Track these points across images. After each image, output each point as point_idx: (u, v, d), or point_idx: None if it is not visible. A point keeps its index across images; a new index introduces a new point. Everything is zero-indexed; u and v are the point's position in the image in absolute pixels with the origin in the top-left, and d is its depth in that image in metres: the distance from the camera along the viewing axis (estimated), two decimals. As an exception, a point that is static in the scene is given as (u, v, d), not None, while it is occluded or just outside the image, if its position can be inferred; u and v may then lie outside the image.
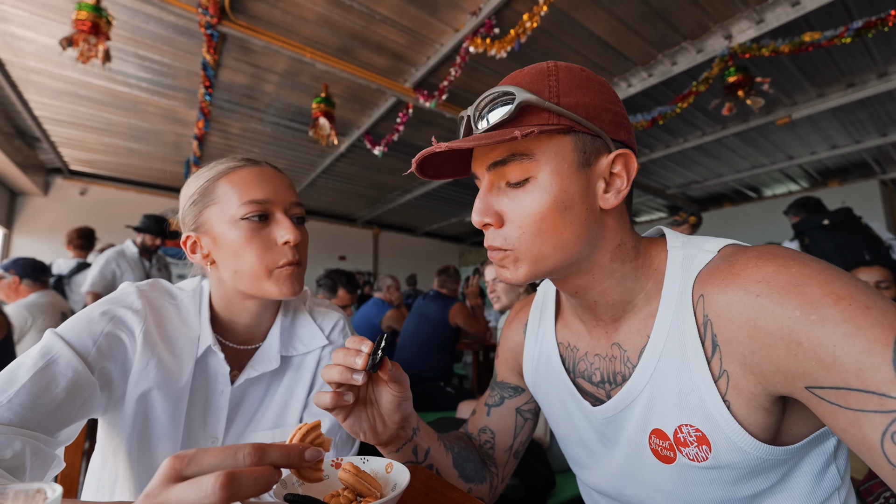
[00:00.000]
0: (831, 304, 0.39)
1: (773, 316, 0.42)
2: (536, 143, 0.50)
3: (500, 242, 0.53)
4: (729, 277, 0.46)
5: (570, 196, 0.51)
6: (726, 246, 0.52)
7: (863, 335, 0.37)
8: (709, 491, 0.50)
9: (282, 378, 0.77)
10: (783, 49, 2.65)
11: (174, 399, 0.67)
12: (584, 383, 0.62)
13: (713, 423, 0.48)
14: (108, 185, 5.91)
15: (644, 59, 3.30)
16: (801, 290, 0.41)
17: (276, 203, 0.69)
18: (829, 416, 0.40)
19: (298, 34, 2.99)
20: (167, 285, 0.75)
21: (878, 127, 4.45)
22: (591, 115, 0.51)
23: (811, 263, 0.43)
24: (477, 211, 0.53)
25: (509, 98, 0.50)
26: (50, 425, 0.56)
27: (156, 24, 2.87)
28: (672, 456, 0.51)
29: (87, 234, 3.39)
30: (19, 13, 2.75)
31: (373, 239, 8.66)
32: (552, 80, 0.52)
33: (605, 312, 0.58)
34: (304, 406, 0.78)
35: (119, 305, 0.66)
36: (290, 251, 0.69)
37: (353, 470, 0.49)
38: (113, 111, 4.03)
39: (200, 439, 0.70)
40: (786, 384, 0.42)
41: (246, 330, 0.74)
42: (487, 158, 0.53)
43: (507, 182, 0.52)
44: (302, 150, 4.99)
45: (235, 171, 0.70)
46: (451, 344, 3.05)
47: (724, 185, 6.35)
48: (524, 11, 2.69)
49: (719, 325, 0.46)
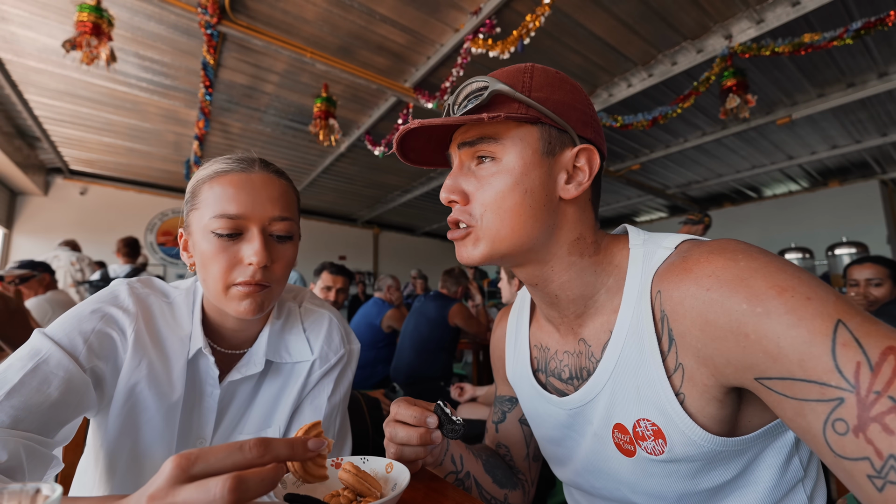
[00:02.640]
0: (775, 297, 0.40)
1: (721, 309, 0.43)
2: (504, 128, 0.54)
3: (464, 218, 0.56)
4: (682, 273, 0.48)
5: (532, 180, 0.54)
6: (683, 242, 0.54)
7: (804, 326, 0.38)
8: (669, 483, 0.52)
9: (270, 382, 0.76)
10: (782, 50, 2.65)
11: (166, 399, 0.67)
12: (555, 381, 0.64)
13: (667, 418, 0.49)
14: (109, 185, 5.91)
15: (644, 59, 3.30)
16: (747, 283, 0.42)
17: (251, 219, 0.64)
18: (778, 406, 0.41)
19: (298, 34, 2.99)
20: (161, 284, 0.74)
21: (879, 127, 4.45)
22: (558, 110, 0.55)
23: (759, 256, 0.44)
24: (445, 188, 0.56)
25: (484, 87, 0.54)
26: (45, 426, 0.55)
27: (156, 23, 2.87)
28: (632, 449, 0.53)
29: (131, 243, 3.71)
30: (19, 13, 2.75)
31: (373, 239, 8.66)
32: (526, 77, 0.56)
33: (568, 308, 0.59)
34: (293, 412, 0.77)
35: (110, 304, 0.65)
36: (254, 271, 0.64)
37: (353, 470, 0.49)
38: (113, 111, 4.03)
39: (188, 440, 0.70)
40: (737, 376, 0.44)
41: (233, 334, 0.73)
42: (460, 139, 0.57)
43: (475, 161, 0.56)
44: (302, 150, 4.99)
45: (221, 176, 0.66)
46: (451, 344, 3.05)
47: (725, 185, 6.35)
48: (525, 11, 2.69)
49: (674, 320, 0.48)
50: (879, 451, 0.33)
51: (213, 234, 0.64)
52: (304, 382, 0.77)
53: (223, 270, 0.64)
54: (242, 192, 0.65)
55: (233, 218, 0.63)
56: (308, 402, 0.78)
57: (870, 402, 0.34)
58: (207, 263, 0.65)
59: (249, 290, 0.64)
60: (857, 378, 0.35)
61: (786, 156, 5.26)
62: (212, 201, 0.65)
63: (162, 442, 0.67)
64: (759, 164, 5.54)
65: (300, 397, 0.77)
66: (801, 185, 6.29)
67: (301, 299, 0.84)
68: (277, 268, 0.68)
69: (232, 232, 0.64)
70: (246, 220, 0.64)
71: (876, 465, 0.33)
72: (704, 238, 0.53)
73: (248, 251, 0.64)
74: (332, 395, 0.78)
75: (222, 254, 0.64)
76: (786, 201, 6.49)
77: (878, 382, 0.34)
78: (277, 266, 0.68)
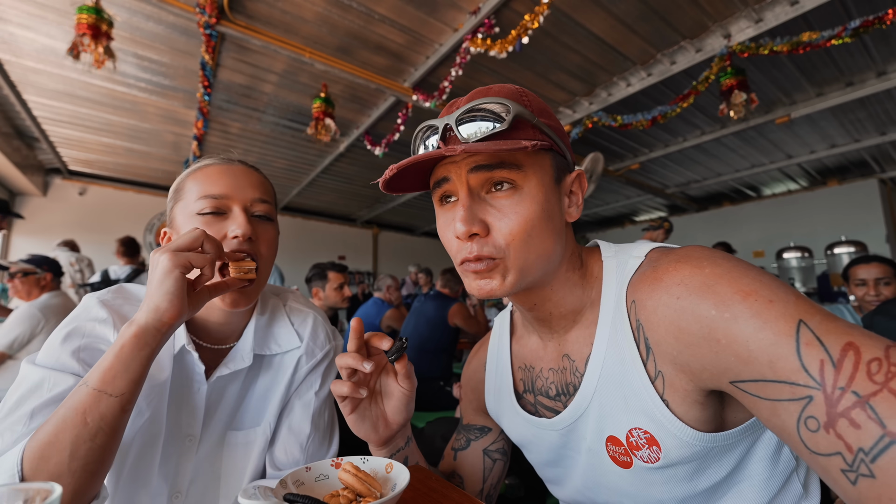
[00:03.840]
0: (740, 301, 0.41)
1: (692, 316, 0.44)
2: (524, 155, 0.51)
3: (489, 251, 0.51)
4: (653, 282, 0.49)
5: (552, 206, 0.53)
6: (651, 250, 0.55)
7: (769, 328, 0.39)
8: (669, 489, 0.52)
9: (259, 376, 0.77)
10: (782, 48, 2.65)
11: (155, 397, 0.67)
12: (543, 399, 0.63)
13: (658, 424, 0.49)
14: (107, 186, 5.90)
15: (643, 59, 3.30)
16: (713, 289, 0.43)
17: (233, 198, 0.67)
18: (754, 407, 0.41)
19: (297, 34, 2.99)
20: (133, 289, 0.73)
21: (877, 126, 4.45)
22: (558, 136, 0.55)
23: (723, 262, 0.45)
24: (464, 221, 0.50)
25: (502, 110, 0.50)
26: None
27: (154, 23, 2.86)
28: (629, 461, 0.53)
29: (127, 242, 3.72)
30: (18, 13, 2.75)
31: (372, 239, 8.66)
32: (526, 101, 0.54)
33: (559, 324, 0.60)
34: (282, 405, 0.78)
35: (85, 320, 0.65)
36: (239, 244, 0.66)
37: (352, 470, 0.49)
38: (112, 111, 4.02)
39: (177, 437, 0.70)
40: (713, 380, 0.44)
41: (219, 328, 0.73)
42: (470, 161, 0.51)
43: (492, 187, 0.52)
44: (301, 150, 4.99)
45: (203, 168, 0.70)
46: (451, 344, 3.05)
47: (724, 185, 6.35)
48: (523, 11, 2.69)
49: (649, 329, 0.49)
50: (849, 445, 0.34)
51: (198, 216, 0.66)
52: (291, 378, 0.78)
53: None
54: (224, 177, 0.68)
55: (216, 198, 0.66)
56: (296, 397, 0.79)
57: (836, 398, 0.35)
58: None
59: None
60: (822, 375, 0.36)
61: (785, 155, 5.26)
62: (195, 188, 0.67)
63: (150, 440, 0.67)
64: (758, 164, 5.54)
65: (288, 393, 0.79)
66: (800, 185, 6.29)
67: (285, 298, 0.85)
68: (262, 245, 0.69)
69: (216, 210, 0.66)
70: (228, 200, 0.67)
71: (847, 459, 0.34)
72: (671, 245, 0.55)
73: (233, 226, 0.66)
74: (320, 390, 0.80)
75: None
76: (785, 200, 6.50)
77: (842, 378, 0.35)
78: (262, 244, 0.69)
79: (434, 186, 0.56)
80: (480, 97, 0.52)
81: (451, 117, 0.51)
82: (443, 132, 0.52)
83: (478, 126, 0.50)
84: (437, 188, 0.55)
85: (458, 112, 0.51)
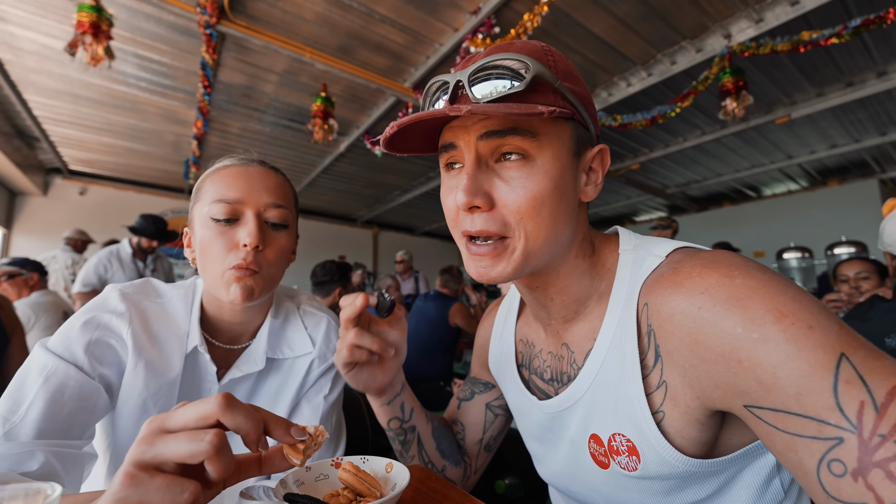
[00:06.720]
0: (774, 322, 0.36)
1: (713, 331, 0.40)
2: (540, 122, 0.46)
3: (495, 228, 0.46)
4: (672, 286, 0.44)
5: (567, 183, 0.48)
6: (675, 250, 0.50)
7: (804, 358, 0.35)
8: (642, 499, 0.50)
9: (270, 379, 0.77)
10: (782, 48, 2.65)
11: (165, 396, 0.67)
12: (536, 379, 0.63)
13: (642, 436, 0.47)
14: (108, 185, 5.90)
15: (643, 59, 3.30)
16: (743, 304, 0.38)
17: (247, 203, 0.67)
18: (767, 437, 0.38)
19: (297, 34, 2.99)
20: (155, 284, 0.74)
21: (878, 126, 4.45)
22: (583, 104, 0.49)
23: (757, 274, 0.40)
24: (466, 190, 0.45)
25: (520, 67, 0.44)
26: (67, 431, 0.57)
27: (155, 23, 2.86)
28: (607, 462, 0.52)
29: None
30: (19, 13, 2.74)
31: (372, 239, 8.65)
32: (551, 60, 0.48)
33: (559, 312, 0.57)
34: (291, 407, 0.78)
35: (102, 311, 0.66)
36: (246, 254, 0.65)
37: (352, 469, 0.49)
38: (112, 111, 4.02)
39: None
40: (724, 400, 0.41)
41: (232, 328, 0.74)
42: (480, 126, 0.46)
43: (502, 156, 0.47)
44: (301, 150, 4.99)
45: (222, 169, 0.70)
46: (451, 344, 3.05)
47: (724, 185, 6.35)
48: (524, 11, 2.68)
49: (662, 336, 0.45)
50: (881, 498, 0.30)
51: (212, 220, 0.66)
52: (302, 380, 0.78)
53: (219, 255, 0.65)
54: (240, 180, 0.68)
55: (230, 202, 0.66)
56: (306, 400, 0.79)
57: (873, 446, 0.31)
58: (206, 250, 0.66)
59: (240, 273, 0.65)
60: (860, 419, 0.32)
61: (785, 155, 5.26)
62: (212, 191, 0.67)
63: None
64: (758, 164, 5.54)
65: (298, 395, 0.79)
66: (800, 185, 6.29)
67: (299, 301, 0.85)
68: (270, 253, 0.68)
69: (229, 216, 0.66)
70: (242, 205, 0.67)
71: None
72: (698, 246, 0.50)
73: (243, 233, 0.66)
74: (329, 394, 0.80)
75: (219, 238, 0.65)
76: (785, 200, 6.49)
77: (884, 425, 0.31)
78: (270, 251, 0.68)
79: (441, 150, 0.51)
80: (500, 52, 0.46)
81: (465, 73, 0.46)
82: (453, 90, 0.47)
83: (493, 85, 0.45)
84: (443, 153, 0.51)
85: (472, 67, 0.46)
